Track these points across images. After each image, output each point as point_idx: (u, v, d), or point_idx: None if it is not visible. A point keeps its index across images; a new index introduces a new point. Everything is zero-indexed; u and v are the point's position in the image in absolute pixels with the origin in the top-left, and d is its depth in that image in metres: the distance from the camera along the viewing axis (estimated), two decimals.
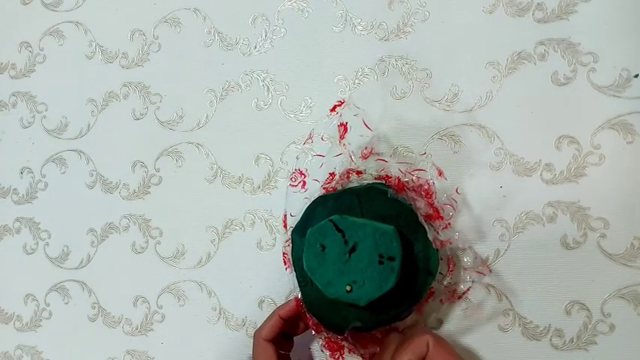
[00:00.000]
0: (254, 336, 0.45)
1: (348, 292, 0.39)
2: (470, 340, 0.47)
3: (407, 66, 0.50)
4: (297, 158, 0.51)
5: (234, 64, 0.54)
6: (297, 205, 0.47)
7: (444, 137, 0.48)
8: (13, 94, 0.60)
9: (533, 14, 0.47)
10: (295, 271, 0.45)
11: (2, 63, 0.61)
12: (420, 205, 0.43)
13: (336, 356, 0.45)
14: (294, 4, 0.53)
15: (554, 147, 0.46)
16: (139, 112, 0.56)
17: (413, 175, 0.45)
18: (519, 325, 0.46)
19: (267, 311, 0.51)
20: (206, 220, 0.53)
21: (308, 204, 0.46)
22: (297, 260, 0.44)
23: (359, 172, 0.46)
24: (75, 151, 0.58)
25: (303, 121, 0.52)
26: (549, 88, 0.47)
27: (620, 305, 0.44)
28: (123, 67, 0.57)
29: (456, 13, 0.49)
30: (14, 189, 0.60)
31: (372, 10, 0.51)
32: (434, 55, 0.49)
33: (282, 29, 0.53)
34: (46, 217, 0.59)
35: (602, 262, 0.44)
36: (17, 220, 0.59)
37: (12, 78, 0.61)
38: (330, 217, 0.40)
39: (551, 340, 0.45)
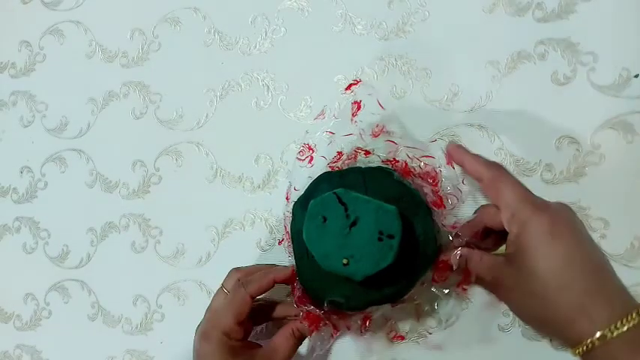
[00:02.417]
0: (236, 286, 0.44)
1: (344, 265, 0.39)
2: (470, 340, 0.47)
3: (407, 65, 0.50)
4: (307, 132, 0.50)
5: (234, 64, 0.54)
6: (302, 179, 0.47)
7: (444, 137, 0.48)
8: (13, 93, 0.60)
9: (533, 14, 0.47)
10: (293, 243, 0.45)
11: (2, 62, 0.61)
12: (427, 191, 0.43)
13: (313, 327, 0.45)
14: (294, 4, 0.53)
15: (554, 147, 0.46)
16: (139, 112, 0.56)
17: (420, 162, 0.45)
18: (519, 325, 0.46)
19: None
20: (206, 219, 0.53)
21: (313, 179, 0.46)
22: (297, 233, 0.44)
23: (367, 152, 0.46)
24: (75, 150, 0.58)
25: (303, 121, 0.52)
26: (549, 87, 0.47)
27: None
28: (123, 67, 0.57)
29: (456, 12, 0.49)
30: (14, 188, 0.60)
31: (371, 10, 0.51)
32: (434, 55, 0.49)
33: (282, 29, 0.53)
34: (46, 216, 0.59)
35: None
36: (17, 219, 0.59)
37: (12, 77, 0.60)
38: (334, 190, 0.40)
39: (550, 340, 0.45)
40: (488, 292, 0.46)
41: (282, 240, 0.50)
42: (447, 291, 0.44)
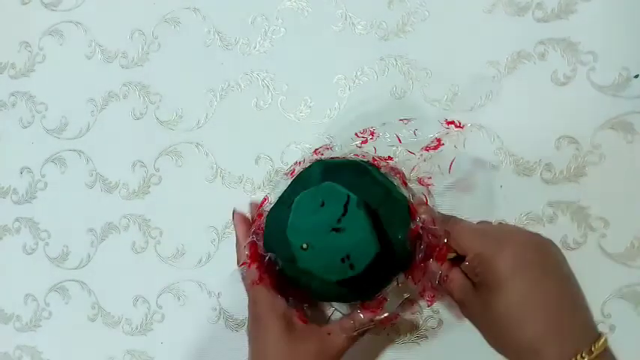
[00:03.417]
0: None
1: (301, 247, 0.39)
2: (469, 340, 0.47)
3: (407, 65, 0.50)
4: (384, 124, 0.48)
5: (234, 64, 0.54)
6: (344, 153, 0.47)
7: (444, 137, 0.48)
8: (13, 94, 0.60)
9: (533, 13, 0.47)
10: (290, 187, 0.45)
11: (2, 63, 0.61)
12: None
13: (251, 261, 0.44)
14: (294, 4, 0.53)
15: (554, 147, 0.46)
16: (139, 112, 0.56)
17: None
18: None
19: None
20: (206, 220, 0.53)
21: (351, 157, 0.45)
22: (301, 182, 0.44)
23: (405, 183, 0.45)
24: (74, 150, 0.58)
25: (303, 121, 0.52)
26: (549, 87, 0.47)
27: (620, 305, 0.44)
28: (122, 67, 0.57)
29: (456, 12, 0.49)
30: (14, 189, 0.60)
31: (371, 10, 0.51)
32: (434, 55, 0.49)
33: (282, 29, 0.53)
34: (46, 217, 0.59)
35: (603, 262, 0.44)
36: (17, 220, 0.59)
37: (11, 78, 0.60)
38: (351, 196, 0.39)
39: None
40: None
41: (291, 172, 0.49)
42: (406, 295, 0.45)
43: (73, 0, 0.59)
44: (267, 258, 0.43)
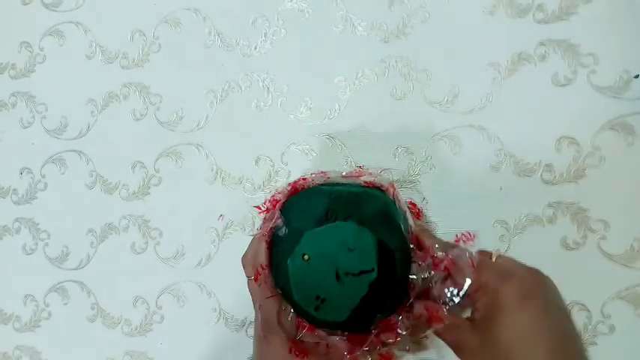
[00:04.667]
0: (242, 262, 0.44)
1: (303, 255, 0.39)
2: None
3: (407, 67, 0.50)
4: (425, 199, 0.49)
5: (235, 65, 0.54)
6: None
7: (444, 138, 0.48)
8: (13, 94, 0.60)
9: (533, 15, 0.47)
10: (340, 185, 0.43)
11: (2, 63, 0.61)
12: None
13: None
14: (295, 5, 0.53)
15: (555, 148, 0.46)
16: (139, 113, 0.56)
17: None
18: None
19: None
20: (206, 220, 0.53)
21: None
22: (339, 189, 0.42)
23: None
24: (75, 151, 0.58)
25: (303, 122, 0.52)
26: (550, 89, 0.47)
27: (620, 306, 0.44)
28: (123, 68, 0.57)
29: (457, 13, 0.49)
30: (14, 189, 0.60)
31: (372, 11, 0.51)
32: (434, 56, 0.49)
33: (283, 30, 0.53)
34: (46, 217, 0.59)
35: (602, 263, 0.44)
36: (17, 220, 0.59)
37: (12, 78, 0.60)
38: (374, 275, 0.38)
39: None
40: None
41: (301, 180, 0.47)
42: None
43: (74, 1, 0.59)
44: (275, 219, 0.42)
